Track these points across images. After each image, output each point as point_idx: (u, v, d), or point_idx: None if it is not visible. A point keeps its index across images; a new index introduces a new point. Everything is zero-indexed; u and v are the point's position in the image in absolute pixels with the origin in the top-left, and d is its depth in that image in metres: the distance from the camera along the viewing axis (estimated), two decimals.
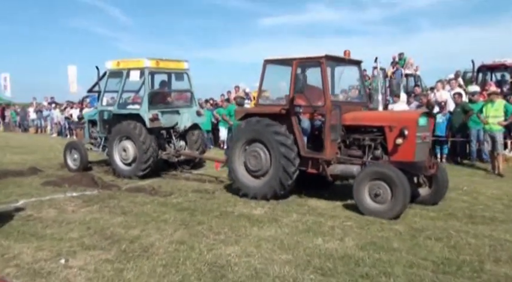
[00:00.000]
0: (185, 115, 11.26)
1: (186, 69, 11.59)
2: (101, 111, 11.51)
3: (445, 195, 7.84)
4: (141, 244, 5.65)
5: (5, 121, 31.39)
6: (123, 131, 10.55)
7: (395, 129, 7.24)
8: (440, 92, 13.81)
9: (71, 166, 11.57)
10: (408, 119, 7.43)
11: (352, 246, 5.50)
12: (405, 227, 6.33)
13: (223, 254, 5.26)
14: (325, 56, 7.73)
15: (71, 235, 6.07)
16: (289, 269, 4.78)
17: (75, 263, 5.07)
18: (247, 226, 6.40)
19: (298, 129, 7.89)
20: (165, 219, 6.79)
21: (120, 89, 11.00)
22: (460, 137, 12.53)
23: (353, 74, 8.85)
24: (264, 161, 8.08)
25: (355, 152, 7.77)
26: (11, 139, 22.69)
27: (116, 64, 11.20)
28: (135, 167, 10.43)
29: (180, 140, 11.45)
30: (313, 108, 7.97)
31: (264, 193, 8.00)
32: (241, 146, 8.43)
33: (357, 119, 7.79)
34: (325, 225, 6.44)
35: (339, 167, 7.69)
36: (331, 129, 7.61)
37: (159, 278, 4.60)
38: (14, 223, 6.68)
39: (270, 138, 7.89)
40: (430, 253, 5.27)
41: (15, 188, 9.36)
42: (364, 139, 7.66)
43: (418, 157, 7.23)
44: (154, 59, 10.81)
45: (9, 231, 6.25)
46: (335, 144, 7.74)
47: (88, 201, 8.02)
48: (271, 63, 8.51)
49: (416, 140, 7.17)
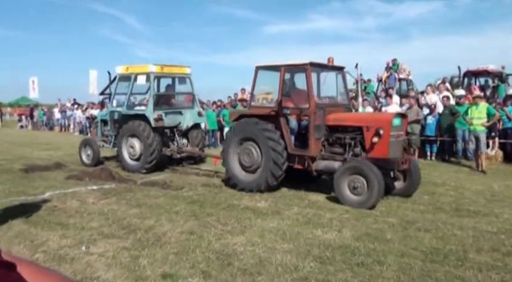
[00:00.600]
0: (187, 115, 11.40)
1: (189, 74, 11.74)
2: (111, 112, 11.65)
3: (433, 190, 7.87)
4: (155, 233, 5.65)
5: (33, 120, 31.49)
6: (131, 130, 10.72)
7: (372, 129, 7.39)
8: (430, 96, 13.74)
9: (85, 161, 11.66)
10: (383, 120, 7.65)
11: (349, 237, 5.47)
12: (397, 219, 6.30)
13: (230, 244, 5.24)
14: (310, 63, 7.88)
15: (91, 224, 6.07)
16: (290, 257, 4.76)
17: (96, 250, 5.07)
18: (252, 218, 6.38)
19: (286, 128, 8.03)
20: (177, 211, 6.78)
21: (129, 91, 11.15)
22: (448, 136, 12.46)
23: (339, 79, 8.94)
24: (256, 157, 8.21)
25: (337, 150, 7.92)
26: (38, 137, 22.76)
27: (125, 69, 11.38)
28: (141, 162, 10.57)
29: (182, 138, 11.59)
30: (299, 110, 8.11)
31: (258, 185, 8.09)
32: (235, 145, 8.54)
33: (338, 120, 7.92)
34: (324, 217, 6.41)
35: (323, 163, 7.81)
36: (315, 129, 7.76)
37: (171, 265, 4.59)
38: (41, 213, 6.69)
39: (260, 136, 8.04)
40: (420, 243, 5.24)
41: (41, 181, 9.39)
42: (345, 138, 7.79)
43: (392, 154, 7.39)
44: (159, 65, 10.97)
45: (37, 220, 6.27)
46: (319, 142, 7.89)
47: (107, 194, 8.03)
48: (262, 69, 8.62)
49: (391, 138, 7.34)
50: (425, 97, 14.08)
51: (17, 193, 8.08)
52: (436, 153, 12.84)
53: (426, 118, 12.69)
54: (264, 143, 8.00)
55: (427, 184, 8.88)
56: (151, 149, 10.37)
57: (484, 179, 9.80)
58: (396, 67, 18.43)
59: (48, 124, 29.54)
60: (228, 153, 8.61)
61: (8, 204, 7.14)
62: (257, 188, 8.11)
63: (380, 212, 6.68)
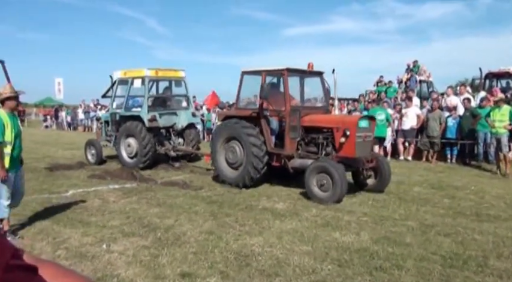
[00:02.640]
0: (182, 116, 11.91)
1: (183, 77, 12.31)
2: (112, 113, 12.17)
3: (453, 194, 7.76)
4: (175, 233, 5.67)
5: (57, 120, 32.08)
6: (128, 130, 11.27)
7: (340, 130, 7.87)
8: (451, 97, 13.48)
9: (90, 160, 12.09)
10: (349, 122, 8.09)
11: (367, 240, 5.39)
12: (417, 223, 6.18)
13: (248, 244, 5.22)
14: (287, 68, 8.38)
15: (112, 223, 6.13)
16: (308, 259, 4.72)
17: (116, 248, 5.12)
18: (270, 219, 6.35)
19: (266, 128, 8.51)
20: (196, 211, 6.80)
21: (126, 94, 11.70)
22: (469, 139, 12.20)
23: (318, 84, 9.30)
24: (239, 154, 8.68)
25: (312, 149, 8.41)
26: (62, 136, 23.18)
27: (123, 73, 11.98)
28: (137, 160, 11.04)
29: (178, 138, 12.10)
30: (277, 112, 8.58)
31: (243, 179, 8.50)
32: (221, 143, 9.02)
33: (312, 121, 8.39)
34: (343, 220, 6.33)
35: (298, 161, 8.25)
36: (290, 129, 8.28)
37: (190, 264, 4.59)
38: (63, 211, 6.80)
39: (242, 134, 8.51)
40: (439, 248, 5.13)
41: (65, 179, 9.55)
42: (318, 138, 8.26)
43: (358, 153, 7.83)
44: (153, 69, 11.54)
45: (60, 217, 6.38)
46: (294, 142, 8.36)
47: (128, 193, 8.11)
48: (247, 74, 9.12)
49: (357, 139, 7.79)
50: (445, 99, 13.83)
51: (41, 191, 8.24)
52: (457, 156, 12.57)
53: (447, 120, 12.45)
54: (245, 140, 8.46)
55: (448, 188, 8.72)
56: (146, 148, 10.90)
57: (505, 183, 9.56)
58: (417, 69, 18.18)
59: (72, 124, 30.05)
60: (215, 152, 9.11)
61: (33, 201, 7.27)
62: (242, 182, 8.52)
63: (399, 215, 6.58)
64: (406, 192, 8.32)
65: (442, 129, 12.33)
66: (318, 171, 7.47)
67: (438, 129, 12.28)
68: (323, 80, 9.27)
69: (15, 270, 0.65)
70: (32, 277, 0.67)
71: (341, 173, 7.26)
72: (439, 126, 12.28)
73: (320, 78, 9.26)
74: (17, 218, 6.17)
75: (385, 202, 7.46)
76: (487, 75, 16.42)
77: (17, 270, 0.65)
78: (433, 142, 12.36)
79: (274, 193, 8.18)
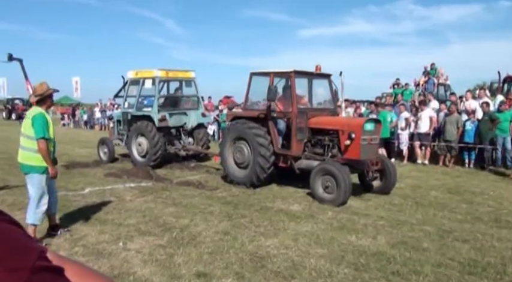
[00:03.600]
0: (192, 116, 12.03)
1: (193, 78, 12.44)
2: (123, 113, 12.29)
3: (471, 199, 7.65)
4: (190, 233, 5.68)
5: (74, 119, 32.46)
6: (139, 129, 11.40)
7: (346, 132, 7.91)
8: (470, 101, 13.28)
9: (102, 158, 12.26)
10: (355, 124, 8.11)
11: (384, 244, 5.33)
12: (434, 228, 6.09)
13: (263, 246, 5.20)
14: (294, 71, 8.47)
15: (128, 221, 6.17)
16: (324, 262, 4.68)
17: (132, 246, 5.15)
18: (285, 221, 6.33)
19: (273, 129, 8.58)
20: (211, 211, 6.81)
21: (137, 94, 11.84)
22: (487, 144, 11.99)
23: (326, 86, 9.39)
24: (247, 154, 8.76)
25: (318, 150, 8.47)
26: (79, 135, 23.45)
27: (135, 74, 12.11)
28: (147, 159, 11.15)
29: (188, 137, 12.23)
30: (284, 114, 8.60)
31: (250, 179, 8.59)
32: (230, 144, 9.12)
33: (319, 123, 8.45)
34: (359, 223, 6.28)
35: (304, 162, 8.31)
36: (297, 131, 8.34)
37: (205, 264, 4.60)
38: (81, 208, 6.88)
39: (249, 134, 8.60)
40: (457, 254, 5.05)
41: (81, 177, 9.65)
42: (324, 140, 8.31)
43: (363, 156, 7.84)
44: (164, 70, 11.69)
45: (77, 215, 6.44)
46: (301, 143, 8.42)
47: (144, 192, 8.16)
48: (256, 75, 9.21)
49: (362, 142, 7.79)
50: (464, 103, 13.63)
51: (59, 188, 8.18)
52: (475, 161, 12.37)
53: (465, 124, 12.26)
54: (252, 140, 8.55)
55: (465, 193, 8.59)
56: (156, 147, 11.02)
57: None
58: (434, 71, 17.96)
59: (88, 123, 30.39)
60: (224, 152, 9.21)
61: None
62: (249, 181, 8.61)
63: (416, 220, 6.49)
64: (423, 196, 8.21)
65: (459, 133, 12.15)
66: (322, 173, 7.51)
67: (456, 133, 12.10)
68: (331, 82, 9.34)
69: (42, 271, 0.64)
70: (58, 278, 0.67)
71: (345, 176, 7.28)
72: (456, 130, 12.10)
73: (328, 81, 9.34)
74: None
75: (402, 206, 7.37)
76: (505, 79, 16.16)
77: (43, 271, 0.64)
78: (450, 146, 12.19)
79: (289, 195, 8.15)
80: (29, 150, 5.13)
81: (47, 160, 5.13)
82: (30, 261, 0.63)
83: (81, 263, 0.84)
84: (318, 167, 7.67)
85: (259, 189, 8.70)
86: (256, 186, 8.62)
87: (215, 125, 19.23)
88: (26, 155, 5.18)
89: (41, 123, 5.06)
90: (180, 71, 12.33)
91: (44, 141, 5.06)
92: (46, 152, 5.09)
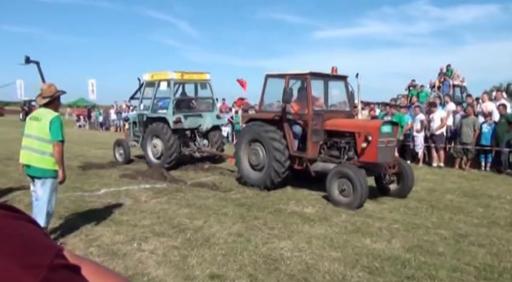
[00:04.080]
0: (207, 118, 12.04)
1: (208, 80, 12.46)
2: (139, 115, 12.41)
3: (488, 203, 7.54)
4: (204, 234, 5.70)
5: (90, 120, 32.86)
6: (154, 131, 11.44)
7: (362, 135, 7.80)
8: (486, 103, 13.07)
9: (118, 159, 12.38)
10: (372, 127, 8.00)
11: (399, 248, 5.27)
12: (450, 232, 6.00)
13: (277, 248, 5.19)
14: (310, 72, 8.40)
15: (143, 222, 6.21)
16: (338, 266, 4.65)
17: (147, 247, 5.18)
18: (299, 223, 6.30)
19: (289, 132, 8.52)
20: (225, 213, 6.81)
21: (153, 96, 11.91)
22: (504, 146, 11.79)
23: (342, 88, 9.33)
24: (262, 157, 8.75)
25: (334, 153, 8.38)
26: (95, 136, 23.74)
27: (150, 76, 12.21)
28: (162, 160, 11.17)
29: (203, 139, 12.25)
30: (299, 116, 8.53)
31: (264, 182, 8.59)
32: (245, 145, 9.11)
33: (335, 125, 8.33)
34: (373, 226, 6.22)
35: (320, 165, 8.28)
36: (313, 133, 8.24)
37: (219, 266, 4.60)
38: (96, 209, 6.95)
39: (265, 137, 8.59)
40: (473, 259, 4.97)
41: (97, 178, 9.75)
42: (341, 142, 8.23)
43: (381, 159, 7.75)
44: (179, 72, 11.71)
45: (92, 215, 6.50)
46: (317, 145, 8.32)
47: (158, 193, 8.21)
48: (271, 77, 9.19)
49: (379, 144, 7.69)
50: (480, 105, 13.42)
51: (74, 189, 8.43)
52: (491, 164, 12.17)
53: (481, 127, 12.07)
54: (267, 143, 8.52)
55: (482, 196, 8.46)
56: (171, 149, 11.05)
57: None
58: (450, 73, 17.74)
59: (104, 124, 30.72)
60: (238, 154, 9.22)
61: (66, 199, 7.45)
62: (263, 184, 8.60)
63: (431, 224, 6.41)
64: (439, 199, 8.11)
65: (476, 136, 11.97)
66: (339, 176, 7.45)
67: (472, 136, 11.92)
68: (347, 84, 9.26)
69: (60, 269, 0.65)
70: (75, 276, 0.68)
71: (362, 179, 7.20)
72: (473, 133, 11.92)
73: (344, 82, 9.26)
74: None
75: (417, 209, 7.29)
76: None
77: (61, 269, 0.65)
78: (466, 149, 12.02)
79: (303, 197, 8.12)
80: (43, 153, 5.07)
81: (61, 164, 5.12)
82: (48, 259, 0.64)
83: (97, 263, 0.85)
84: (334, 170, 7.62)
85: (272, 191, 8.69)
86: (270, 189, 8.60)
87: (229, 126, 19.27)
88: (39, 158, 5.09)
89: (59, 126, 5.06)
90: (195, 73, 12.36)
91: (61, 144, 5.09)
92: (62, 155, 5.12)
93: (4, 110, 50.75)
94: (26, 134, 5.21)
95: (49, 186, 5.14)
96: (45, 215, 5.13)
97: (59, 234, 5.65)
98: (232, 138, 19.00)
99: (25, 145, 5.21)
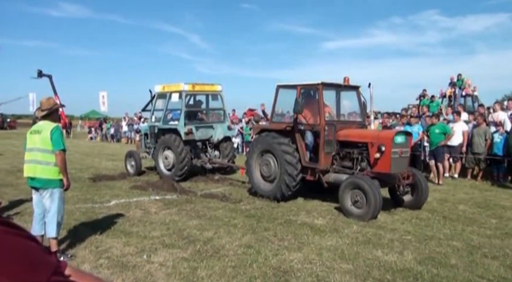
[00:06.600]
0: (218, 129, 12.07)
1: (220, 91, 12.50)
2: (151, 126, 12.44)
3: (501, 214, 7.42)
4: (213, 245, 5.67)
5: (102, 132, 33.12)
6: (165, 142, 11.50)
7: (375, 145, 7.73)
8: (498, 113, 12.92)
9: (130, 171, 12.38)
10: (385, 137, 7.85)
11: (411, 260, 5.18)
12: (462, 243, 5.90)
13: (287, 260, 5.14)
14: (321, 83, 8.31)
15: (153, 234, 6.21)
16: (349, 278, 4.58)
17: (156, 259, 5.16)
18: (309, 234, 6.25)
19: (300, 142, 8.47)
20: (235, 224, 6.78)
21: (165, 108, 11.98)
22: None
23: (354, 98, 9.23)
24: (273, 168, 8.70)
25: (347, 163, 8.30)
26: (106, 148, 23.90)
27: (162, 88, 12.26)
28: (174, 172, 11.21)
29: (214, 150, 12.29)
30: (311, 126, 8.47)
31: (274, 194, 8.53)
32: (256, 156, 9.07)
33: (347, 136, 8.26)
34: (385, 238, 6.13)
35: (332, 176, 8.20)
36: (325, 144, 8.15)
37: (229, 278, 4.56)
38: (106, 220, 6.95)
39: (277, 149, 8.51)
40: (487, 271, 4.87)
41: (107, 190, 9.79)
42: (353, 152, 8.14)
43: (394, 169, 7.67)
44: (190, 84, 11.79)
45: (102, 227, 6.51)
46: (329, 156, 8.23)
47: (168, 204, 8.21)
48: (282, 88, 9.14)
49: (392, 155, 7.60)
50: (492, 114, 13.27)
51: (85, 200, 8.47)
52: (504, 174, 11.99)
53: (493, 136, 11.92)
54: (280, 156, 8.46)
55: (495, 207, 8.32)
56: (183, 163, 11.09)
57: None
58: (461, 82, 17.62)
59: (115, 136, 30.93)
60: (250, 164, 9.18)
61: (76, 210, 7.49)
62: (274, 196, 8.55)
63: (444, 235, 6.31)
64: (451, 210, 7.99)
65: (488, 146, 11.82)
66: (351, 187, 7.36)
67: (484, 146, 11.77)
68: (359, 94, 9.19)
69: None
70: None
71: (375, 190, 7.11)
72: (484, 142, 11.77)
73: (356, 93, 9.19)
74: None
75: (429, 221, 7.18)
76: None
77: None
78: (478, 159, 11.86)
79: (313, 208, 8.06)
80: (48, 164, 5.14)
81: (65, 172, 5.22)
82: (45, 276, 0.64)
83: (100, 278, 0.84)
84: (347, 180, 7.54)
85: (283, 202, 8.65)
86: (280, 201, 8.54)
87: (239, 137, 19.28)
88: (44, 169, 5.15)
89: (60, 136, 5.18)
90: (207, 84, 12.41)
91: (63, 153, 5.18)
92: (65, 163, 5.21)
93: (16, 123, 51.41)
94: (29, 148, 5.29)
95: (57, 196, 5.19)
96: (55, 226, 5.16)
97: (68, 246, 5.66)
98: (243, 148, 19.01)
99: (29, 159, 5.27)
